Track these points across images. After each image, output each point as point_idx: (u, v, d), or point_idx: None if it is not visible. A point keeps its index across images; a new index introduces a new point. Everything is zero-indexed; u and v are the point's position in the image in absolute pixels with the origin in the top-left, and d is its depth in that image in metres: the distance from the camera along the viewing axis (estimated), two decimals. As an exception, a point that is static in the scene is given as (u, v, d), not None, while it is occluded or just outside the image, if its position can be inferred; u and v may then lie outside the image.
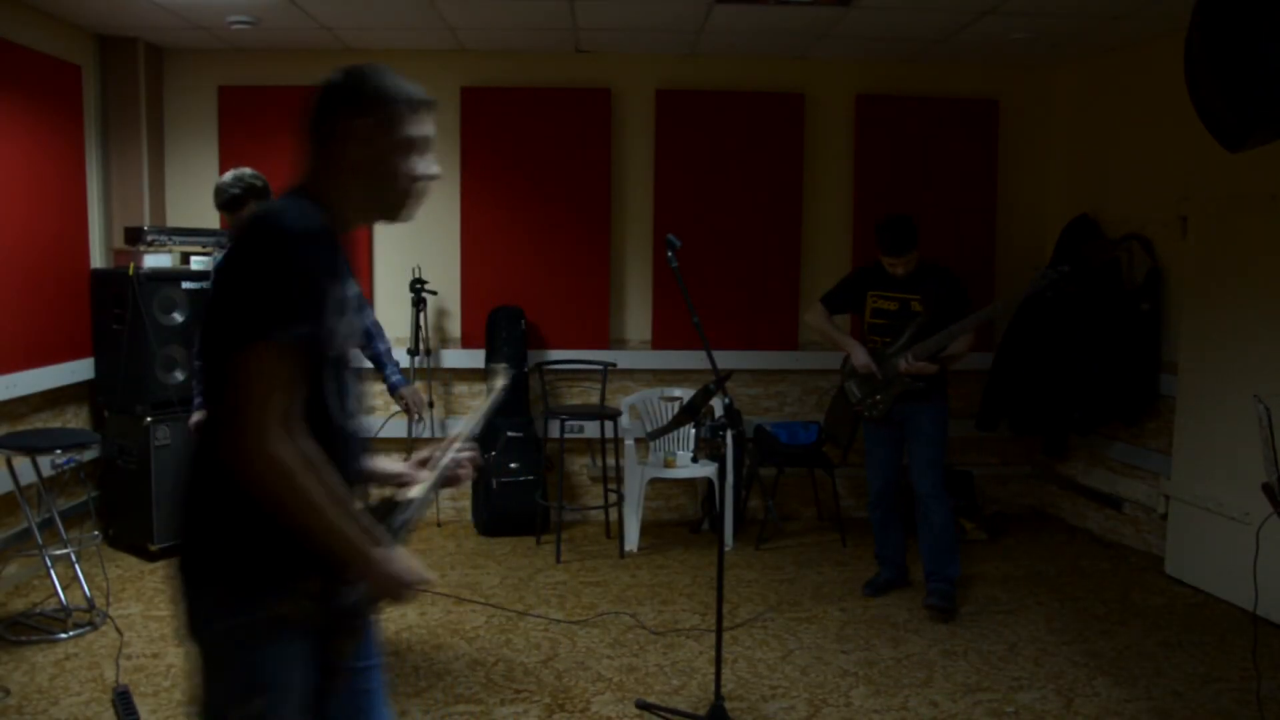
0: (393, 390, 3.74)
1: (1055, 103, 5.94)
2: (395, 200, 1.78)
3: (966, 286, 4.42)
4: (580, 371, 5.81)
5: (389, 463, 1.98)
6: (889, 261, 4.28)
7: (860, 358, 4.35)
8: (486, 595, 4.51)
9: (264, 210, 1.69)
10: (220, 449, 1.55)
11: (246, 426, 1.52)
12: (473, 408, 2.33)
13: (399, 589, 1.68)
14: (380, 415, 5.43)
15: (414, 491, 1.87)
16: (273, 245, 1.58)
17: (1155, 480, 5.04)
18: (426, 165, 1.79)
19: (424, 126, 1.77)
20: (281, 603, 1.62)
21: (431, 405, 5.68)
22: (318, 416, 1.65)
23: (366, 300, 3.60)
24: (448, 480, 1.98)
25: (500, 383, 2.32)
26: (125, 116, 5.29)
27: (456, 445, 2.01)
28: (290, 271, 1.56)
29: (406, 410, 3.73)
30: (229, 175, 3.71)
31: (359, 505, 1.74)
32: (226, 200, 3.69)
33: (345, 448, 1.73)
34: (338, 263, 1.67)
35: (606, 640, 4.02)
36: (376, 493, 1.90)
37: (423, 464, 2.00)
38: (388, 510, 1.79)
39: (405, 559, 1.69)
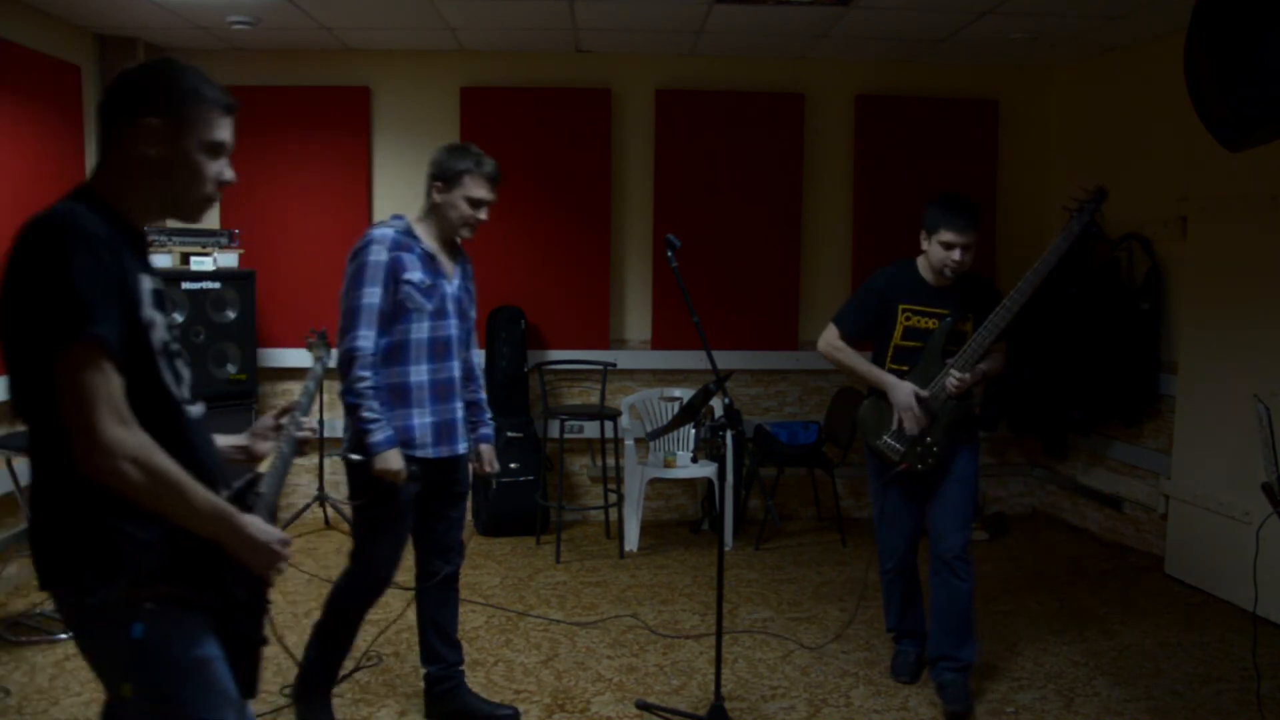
0: (479, 440, 3.30)
1: (1055, 103, 5.94)
2: (187, 204, 1.77)
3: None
4: (580, 371, 5.81)
5: (226, 438, 2.01)
6: (951, 240, 3.33)
7: (903, 394, 3.39)
8: (486, 595, 4.51)
9: (39, 214, 1.62)
10: (73, 461, 1.56)
11: (85, 426, 1.54)
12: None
13: (263, 550, 1.73)
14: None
15: (264, 467, 1.91)
16: (53, 248, 1.55)
17: (1155, 480, 5.04)
18: (222, 170, 1.77)
19: (223, 131, 1.76)
20: (161, 581, 1.65)
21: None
22: (164, 407, 1.69)
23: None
24: (297, 450, 2.02)
25: (318, 352, 2.28)
26: (125, 116, 5.28)
27: (295, 414, 2.04)
28: (76, 271, 1.54)
29: (479, 465, 3.29)
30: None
31: (219, 488, 1.78)
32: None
33: (196, 433, 1.77)
34: (132, 259, 1.66)
35: (606, 640, 4.02)
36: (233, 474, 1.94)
37: (260, 435, 2.04)
38: (246, 490, 1.83)
39: (260, 523, 1.74)
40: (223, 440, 1.99)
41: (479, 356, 5.45)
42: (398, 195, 5.72)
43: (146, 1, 4.55)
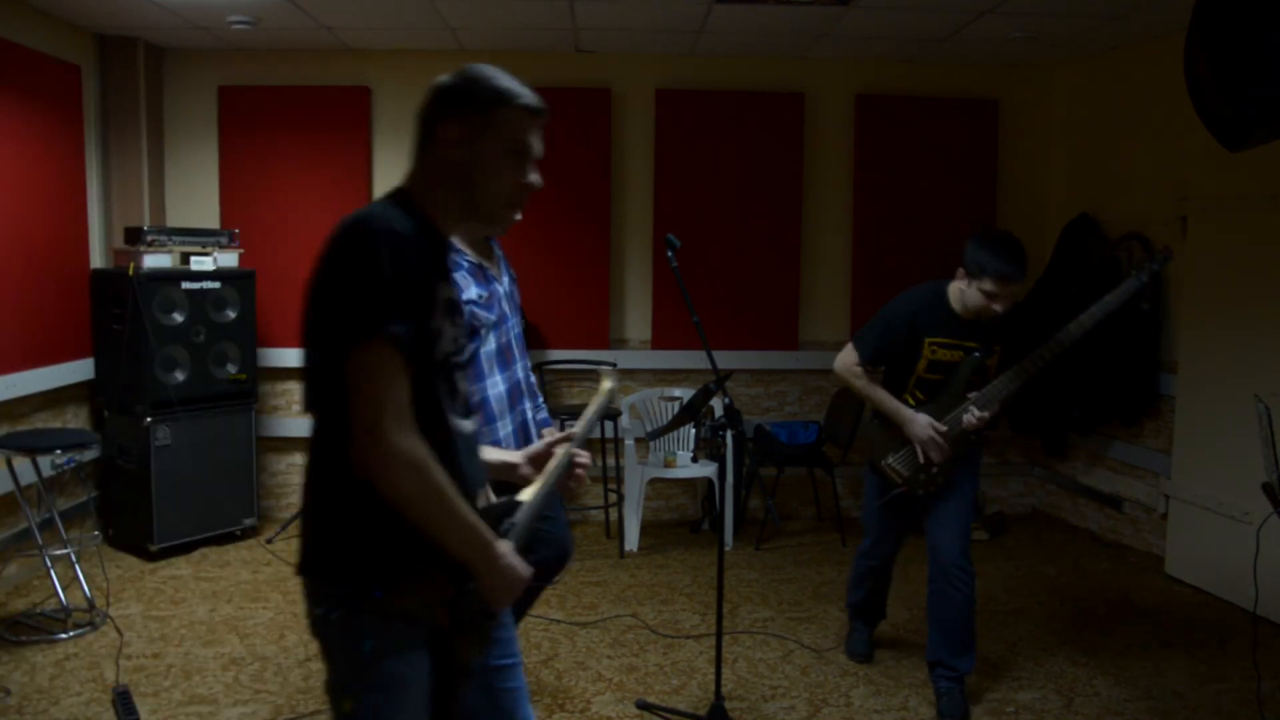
0: (540, 425, 3.24)
1: (1055, 103, 5.94)
2: (490, 208, 1.74)
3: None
4: (580, 371, 5.81)
5: (497, 452, 1.97)
6: (996, 292, 3.16)
7: (921, 428, 3.31)
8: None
9: (353, 215, 1.64)
10: (350, 451, 1.55)
11: (371, 425, 1.53)
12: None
13: (511, 584, 1.70)
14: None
15: (526, 495, 1.87)
16: (362, 247, 1.56)
17: (1155, 480, 5.04)
18: (526, 175, 1.73)
19: (529, 134, 1.73)
20: (400, 598, 1.63)
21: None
22: (434, 419, 1.66)
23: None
24: (561, 487, 1.98)
25: (607, 385, 2.32)
26: (125, 116, 5.29)
27: (569, 449, 1.99)
28: (383, 271, 1.54)
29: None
30: None
31: (479, 504, 1.76)
32: None
33: (464, 449, 1.74)
34: (434, 265, 1.66)
35: (606, 640, 4.02)
36: (491, 495, 1.91)
37: (534, 459, 2.01)
38: (504, 513, 1.79)
39: (513, 554, 1.71)
40: (492, 454, 1.95)
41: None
42: (398, 195, 5.72)
43: (146, 1, 4.55)
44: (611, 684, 3.61)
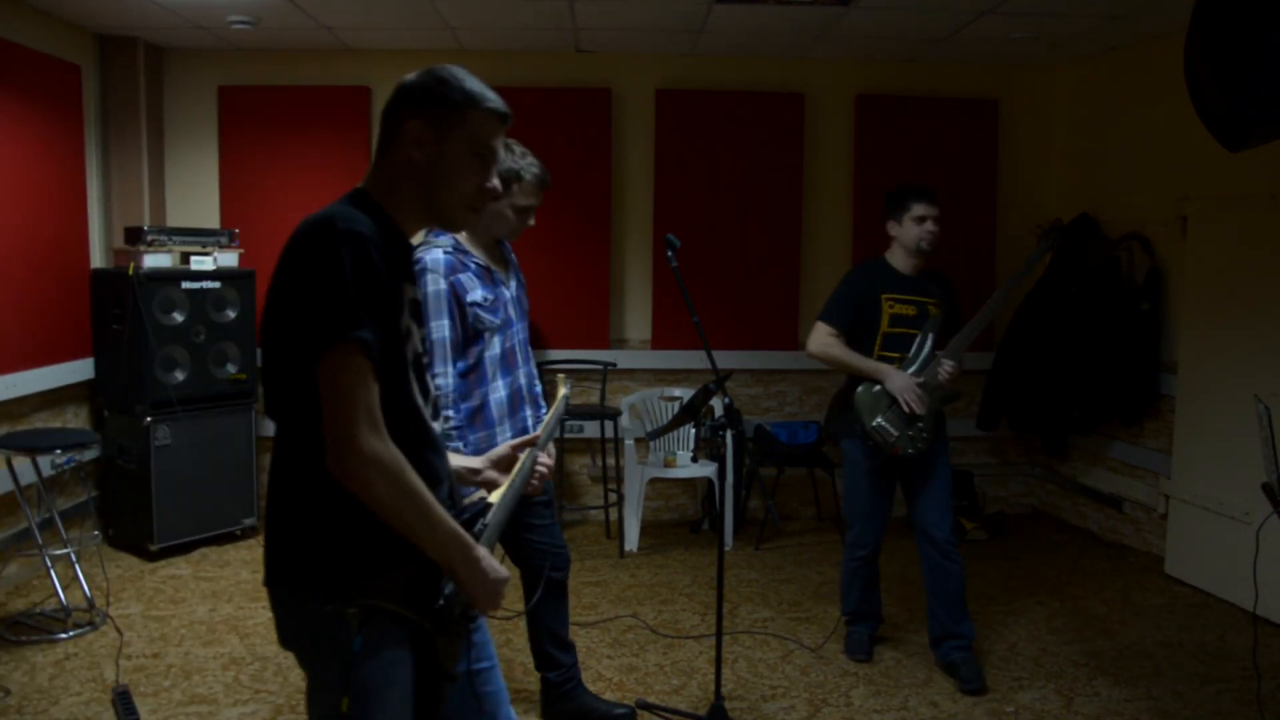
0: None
1: (1055, 103, 5.94)
2: (449, 210, 1.73)
3: (960, 288, 4.09)
4: (580, 371, 5.81)
5: (458, 458, 1.97)
6: (924, 213, 3.65)
7: (900, 380, 3.59)
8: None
9: (313, 216, 1.62)
10: (328, 463, 1.54)
11: (343, 430, 1.52)
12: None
13: (490, 587, 1.68)
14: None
15: (495, 497, 1.88)
16: (325, 250, 1.55)
17: (1155, 480, 5.04)
18: (488, 178, 1.73)
19: (494, 139, 1.72)
20: (381, 598, 1.61)
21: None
22: (409, 417, 1.66)
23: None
24: (525, 490, 2.00)
25: (563, 390, 2.35)
26: (125, 116, 5.29)
27: (533, 453, 2.02)
28: (347, 275, 1.53)
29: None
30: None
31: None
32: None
33: (435, 447, 1.74)
34: (397, 265, 1.65)
35: (606, 640, 4.02)
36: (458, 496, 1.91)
37: (497, 463, 2.02)
38: (475, 518, 1.79)
39: (490, 558, 1.70)
40: (456, 460, 1.94)
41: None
42: (398, 195, 5.72)
43: (147, 1, 4.55)
44: (611, 684, 3.61)
